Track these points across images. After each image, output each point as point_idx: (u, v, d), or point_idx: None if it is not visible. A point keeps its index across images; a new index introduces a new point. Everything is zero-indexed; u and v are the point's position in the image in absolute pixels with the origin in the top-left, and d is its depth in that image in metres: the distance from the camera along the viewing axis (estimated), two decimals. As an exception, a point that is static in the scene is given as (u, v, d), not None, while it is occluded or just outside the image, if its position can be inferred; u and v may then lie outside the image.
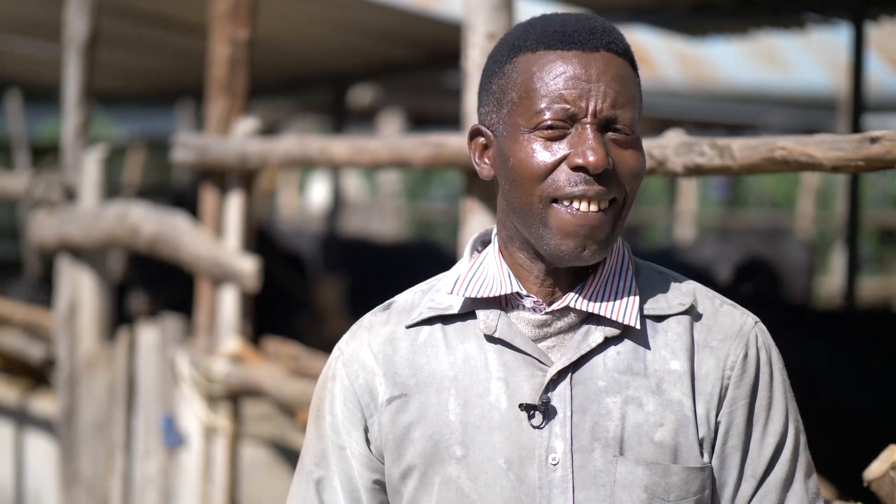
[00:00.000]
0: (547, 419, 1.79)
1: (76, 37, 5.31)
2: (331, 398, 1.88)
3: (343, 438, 1.86)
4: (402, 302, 1.91)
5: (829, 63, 13.64)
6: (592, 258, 1.78)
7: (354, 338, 1.90)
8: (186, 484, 4.54)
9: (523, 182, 1.77)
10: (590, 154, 1.74)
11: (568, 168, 1.75)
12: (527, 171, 1.77)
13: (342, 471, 1.87)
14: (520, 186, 1.78)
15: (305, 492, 1.89)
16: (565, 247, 1.77)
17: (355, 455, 1.86)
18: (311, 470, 1.89)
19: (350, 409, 1.86)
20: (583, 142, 1.75)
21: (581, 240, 1.76)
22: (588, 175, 1.75)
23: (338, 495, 1.87)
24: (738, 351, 1.83)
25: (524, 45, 1.80)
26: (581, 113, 1.76)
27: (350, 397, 1.86)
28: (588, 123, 1.75)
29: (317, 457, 1.89)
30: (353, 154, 3.71)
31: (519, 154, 1.78)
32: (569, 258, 1.78)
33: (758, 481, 1.82)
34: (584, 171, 1.75)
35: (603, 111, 1.76)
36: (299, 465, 1.92)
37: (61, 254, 5.29)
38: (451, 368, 1.83)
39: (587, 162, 1.74)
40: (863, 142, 2.34)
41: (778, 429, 1.83)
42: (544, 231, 1.78)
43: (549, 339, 1.82)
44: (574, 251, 1.77)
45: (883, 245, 17.08)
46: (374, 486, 1.86)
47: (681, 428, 1.79)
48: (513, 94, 1.79)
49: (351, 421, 1.86)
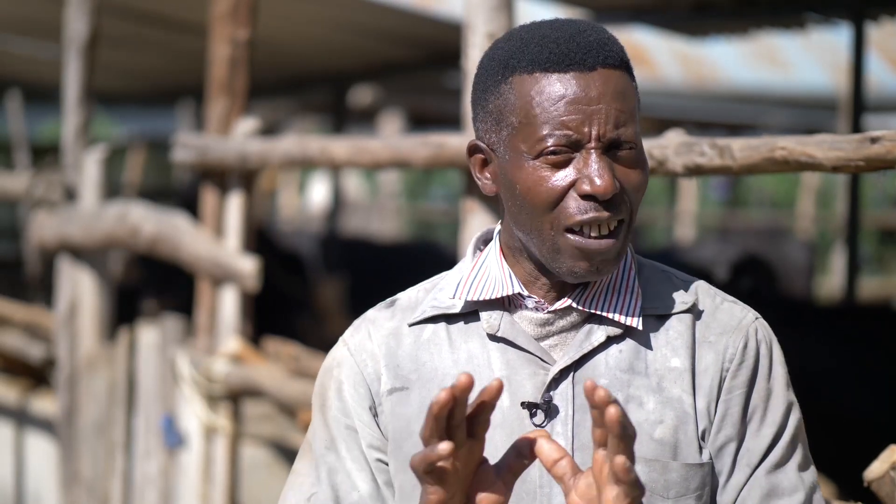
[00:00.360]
0: (549, 418, 1.79)
1: (76, 37, 5.31)
2: (337, 385, 1.88)
3: (353, 420, 1.86)
4: (406, 299, 1.91)
5: (830, 63, 13.64)
6: (603, 275, 1.80)
7: (359, 330, 1.91)
8: (187, 484, 4.54)
9: (533, 210, 1.77)
10: (598, 181, 1.73)
11: (576, 195, 1.75)
12: (536, 200, 1.76)
13: (353, 453, 1.86)
14: (530, 213, 1.78)
15: (315, 477, 1.88)
16: (578, 269, 1.78)
17: (364, 436, 1.86)
18: (321, 454, 1.88)
19: (361, 394, 1.86)
20: (589, 168, 1.74)
21: (595, 263, 1.77)
22: (597, 202, 1.75)
23: (353, 476, 1.86)
24: (738, 343, 1.83)
25: (518, 65, 1.77)
26: (585, 139, 1.74)
27: (360, 381, 1.87)
28: (593, 149, 1.75)
29: (327, 442, 1.88)
30: (354, 154, 3.71)
31: (526, 182, 1.77)
32: (581, 278, 1.79)
33: (752, 470, 1.82)
34: (593, 198, 1.75)
35: (606, 134, 1.75)
36: (304, 452, 1.91)
37: (61, 254, 5.29)
38: (453, 366, 1.83)
39: (595, 190, 1.73)
40: (863, 142, 2.34)
41: (776, 420, 1.83)
42: (557, 255, 1.78)
43: (552, 337, 1.83)
44: (587, 272, 1.78)
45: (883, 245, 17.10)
46: (383, 467, 1.86)
47: (680, 424, 1.80)
48: (512, 118, 1.78)
49: (361, 404, 1.86)
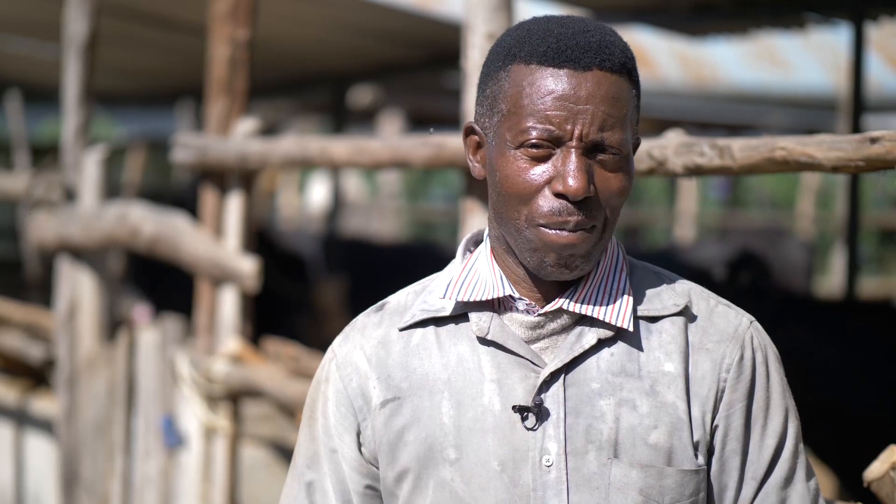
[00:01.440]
0: (540, 421, 1.78)
1: (76, 37, 5.31)
2: (324, 400, 1.88)
3: (335, 441, 1.86)
4: (395, 303, 1.90)
5: (830, 63, 13.64)
6: (574, 274, 1.79)
7: (348, 340, 1.90)
8: (186, 484, 4.54)
9: (509, 199, 1.77)
10: (571, 181, 1.73)
11: (550, 193, 1.75)
12: (512, 190, 1.76)
13: (334, 473, 1.87)
14: (506, 202, 1.78)
15: (297, 493, 1.89)
16: (547, 261, 1.77)
17: (346, 459, 1.86)
18: (302, 472, 1.89)
19: (343, 413, 1.86)
20: (565, 167, 1.74)
21: (564, 258, 1.76)
22: (569, 202, 1.74)
23: (328, 497, 1.87)
24: (734, 353, 1.82)
25: (518, 54, 1.78)
26: (566, 136, 1.74)
27: (343, 401, 1.86)
28: (573, 147, 1.74)
29: (309, 458, 1.89)
30: (354, 154, 3.71)
31: (505, 170, 1.77)
32: (551, 274, 1.79)
33: (759, 483, 1.82)
34: (565, 197, 1.74)
35: (589, 135, 1.74)
36: (292, 465, 1.92)
37: (61, 254, 5.29)
38: (444, 371, 1.83)
39: (567, 189, 1.73)
40: (863, 142, 2.34)
41: (777, 429, 1.83)
42: (527, 247, 1.78)
43: (542, 340, 1.82)
44: (556, 267, 1.77)
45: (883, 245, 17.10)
46: (365, 491, 1.86)
47: (675, 430, 1.79)
48: (502, 104, 1.78)
49: (343, 425, 1.86)
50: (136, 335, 4.80)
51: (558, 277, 1.79)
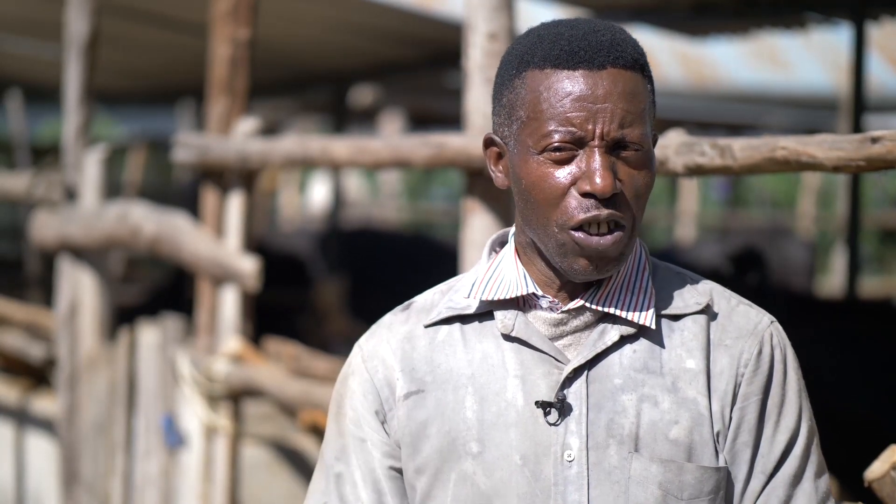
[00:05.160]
0: (563, 416, 1.80)
1: (76, 37, 5.31)
2: (350, 393, 1.90)
3: (364, 430, 1.88)
4: (422, 302, 1.93)
5: (830, 63, 13.65)
6: (607, 273, 1.81)
7: (374, 335, 1.93)
8: (187, 484, 4.55)
9: (537, 205, 1.79)
10: (597, 180, 1.75)
11: (577, 193, 1.77)
12: (540, 196, 1.78)
13: (364, 463, 1.88)
14: (535, 208, 1.80)
15: (325, 486, 1.91)
16: (578, 265, 1.79)
17: (376, 444, 1.88)
18: (331, 464, 1.91)
19: (370, 402, 1.88)
20: (590, 167, 1.76)
21: (595, 261, 1.79)
22: (597, 200, 1.76)
23: (358, 488, 1.88)
24: (753, 348, 1.84)
25: (532, 60, 1.80)
26: (588, 136, 1.76)
27: (370, 390, 1.89)
28: (596, 147, 1.76)
29: (337, 451, 1.90)
30: (354, 154, 3.71)
31: (530, 177, 1.79)
32: (584, 276, 1.81)
33: (767, 477, 1.83)
34: (593, 196, 1.76)
35: (610, 133, 1.76)
36: (319, 461, 1.94)
37: (62, 254, 5.29)
38: (468, 366, 1.85)
39: (594, 188, 1.75)
40: (864, 142, 2.34)
41: (790, 426, 1.84)
42: (560, 252, 1.80)
43: (566, 337, 1.84)
44: (587, 269, 1.79)
45: (884, 245, 17.10)
46: (394, 475, 1.88)
47: (695, 426, 1.81)
48: (521, 111, 1.80)
49: (370, 413, 1.88)
50: (137, 334, 4.80)
51: (589, 278, 1.82)
